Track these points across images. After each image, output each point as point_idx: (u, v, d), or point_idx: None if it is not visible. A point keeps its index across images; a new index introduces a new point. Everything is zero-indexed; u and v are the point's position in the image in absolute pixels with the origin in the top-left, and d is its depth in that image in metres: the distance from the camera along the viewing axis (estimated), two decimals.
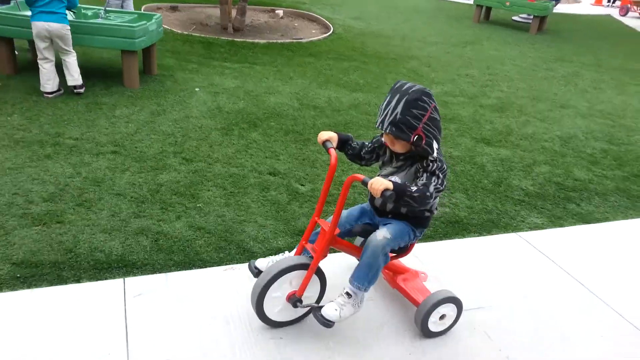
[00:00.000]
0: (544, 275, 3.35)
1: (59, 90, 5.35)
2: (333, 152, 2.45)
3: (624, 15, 17.54)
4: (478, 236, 3.74)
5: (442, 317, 2.64)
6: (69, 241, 3.18)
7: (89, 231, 3.30)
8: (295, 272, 2.47)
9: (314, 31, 10.24)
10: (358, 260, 2.50)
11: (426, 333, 2.66)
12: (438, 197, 2.42)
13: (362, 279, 2.43)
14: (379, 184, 2.16)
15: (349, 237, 2.70)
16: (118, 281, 2.89)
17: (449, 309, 2.64)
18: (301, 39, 9.28)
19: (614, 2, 20.39)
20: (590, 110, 6.99)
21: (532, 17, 12.95)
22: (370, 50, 9.02)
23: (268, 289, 2.44)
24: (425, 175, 2.32)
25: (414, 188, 2.24)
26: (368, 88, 6.88)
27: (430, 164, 2.33)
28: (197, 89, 6.03)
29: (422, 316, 2.59)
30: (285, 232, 3.52)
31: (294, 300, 2.50)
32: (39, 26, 5.03)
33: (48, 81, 5.23)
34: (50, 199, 3.58)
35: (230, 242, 3.36)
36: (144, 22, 5.76)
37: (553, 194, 4.50)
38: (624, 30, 14.90)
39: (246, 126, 5.18)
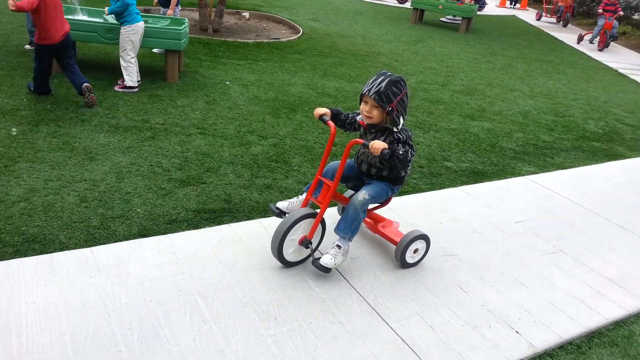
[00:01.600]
0: (548, 199, 4.80)
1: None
2: (331, 123, 3.07)
3: (539, 19, 19.18)
4: (498, 179, 5.14)
5: (415, 251, 3.33)
6: (221, 195, 4.12)
7: (230, 187, 4.25)
8: (306, 220, 3.07)
9: (283, 31, 11.30)
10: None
11: (404, 265, 3.35)
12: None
13: (347, 229, 3.05)
14: (379, 144, 2.75)
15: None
16: (262, 220, 3.87)
17: (420, 244, 3.35)
18: (279, 38, 10.31)
19: (515, 4, 23.32)
20: (532, 93, 8.77)
21: (457, 18, 14.92)
22: (343, 48, 10.28)
23: (288, 233, 3.00)
24: (400, 145, 2.89)
25: (401, 151, 2.83)
26: (360, 79, 8.13)
27: (401, 135, 2.92)
28: (227, 83, 6.95)
29: (401, 252, 3.26)
30: None
31: (306, 242, 3.10)
32: (141, 26, 5.94)
33: (133, 76, 6.04)
34: (182, 168, 4.46)
35: None
36: (184, 25, 6.58)
37: (533, 152, 6.04)
38: (531, 29, 17.40)
39: (287, 111, 6.23)
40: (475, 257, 3.69)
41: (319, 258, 3.03)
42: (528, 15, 20.60)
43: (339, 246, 3.07)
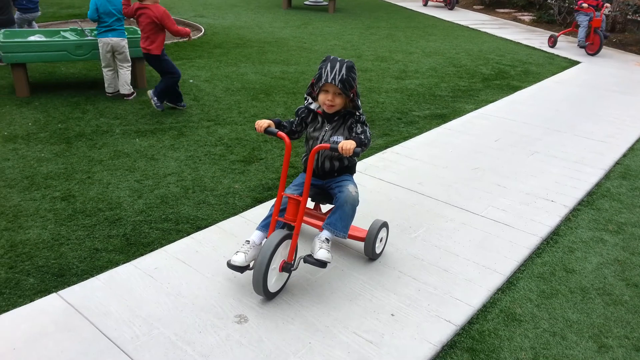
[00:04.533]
0: (504, 123, 6.36)
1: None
2: (282, 134, 2.86)
3: (425, 4, 17.91)
4: (458, 117, 6.56)
5: (380, 240, 3.35)
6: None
7: (282, 159, 5.01)
8: (283, 243, 2.82)
9: None
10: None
11: (375, 257, 3.35)
12: None
13: (345, 227, 2.97)
14: (349, 144, 2.68)
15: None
16: None
17: (383, 232, 3.36)
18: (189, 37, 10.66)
19: None
20: (425, 53, 10.49)
21: (319, 0, 16.33)
22: (251, 37, 10.99)
23: (270, 265, 2.74)
24: (359, 124, 2.93)
25: (362, 137, 2.85)
26: (291, 62, 9.05)
27: (360, 116, 2.94)
28: (191, 81, 7.39)
29: (371, 246, 3.25)
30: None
31: (288, 266, 2.89)
32: (106, 41, 6.12)
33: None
34: (232, 152, 5.07)
35: None
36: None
37: (462, 95, 7.61)
38: (380, 3, 19.55)
39: (264, 95, 6.96)
40: (496, 165, 5.01)
41: (310, 255, 2.89)
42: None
43: (327, 240, 2.94)
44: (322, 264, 2.85)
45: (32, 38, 6.42)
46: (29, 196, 4.01)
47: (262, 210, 3.94)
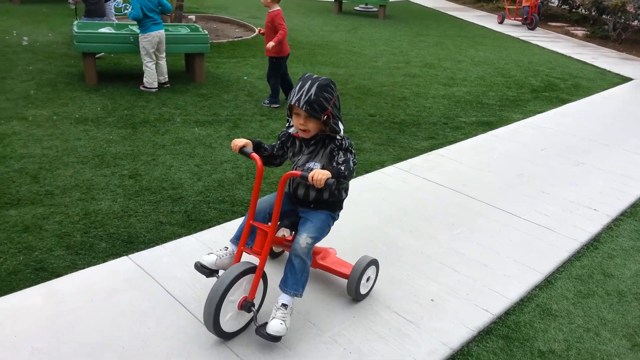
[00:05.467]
0: (553, 133, 6.41)
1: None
2: (256, 156, 2.54)
3: (501, 22, 16.25)
4: (505, 125, 6.64)
5: (367, 279, 2.97)
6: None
7: None
8: (246, 276, 2.50)
9: (237, 30, 12.03)
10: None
11: (359, 297, 2.96)
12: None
13: (297, 284, 2.55)
14: (320, 174, 2.30)
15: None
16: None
17: (371, 271, 2.99)
18: (241, 37, 11.08)
19: None
20: (474, 62, 10.55)
21: (369, 6, 16.54)
22: (301, 40, 11.32)
23: (227, 293, 2.41)
24: (341, 152, 2.52)
25: (342, 167, 2.44)
26: (341, 64, 9.29)
27: (343, 142, 2.54)
28: (245, 78, 7.74)
29: (355, 285, 2.86)
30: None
31: (248, 305, 2.53)
32: (155, 34, 6.43)
33: (149, 78, 6.64)
34: None
35: None
36: (205, 31, 7.26)
37: (509, 104, 7.67)
38: (428, 11, 19.62)
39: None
40: (541, 173, 5.10)
41: (264, 325, 2.50)
42: None
43: (285, 305, 2.54)
44: (272, 338, 2.46)
45: (102, 30, 6.89)
46: (100, 172, 4.38)
47: None
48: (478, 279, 3.30)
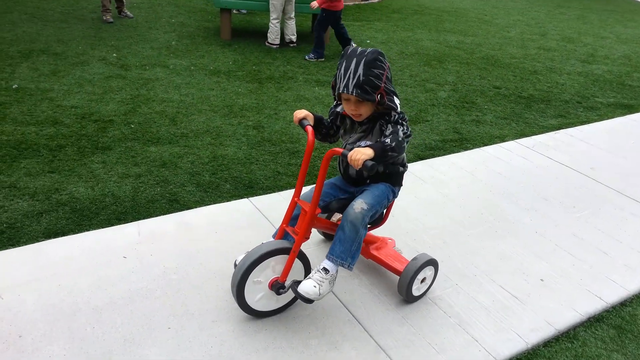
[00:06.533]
0: None
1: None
2: (309, 128, 2.32)
3: None
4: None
5: (422, 280, 2.66)
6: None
7: (450, 122, 5.14)
8: (277, 256, 2.34)
9: None
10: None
11: (410, 299, 2.66)
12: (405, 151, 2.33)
13: (346, 254, 2.31)
14: (359, 154, 2.07)
15: (325, 214, 2.63)
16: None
17: (429, 271, 2.67)
18: (368, 0, 11.01)
19: None
20: (620, 39, 9.55)
21: None
22: (430, 6, 10.98)
23: (249, 274, 2.28)
24: (390, 125, 2.27)
25: (388, 140, 2.19)
26: (469, 33, 8.91)
27: (394, 115, 2.28)
28: (367, 41, 7.74)
29: (407, 284, 2.57)
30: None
31: (277, 286, 2.36)
32: None
33: (272, 34, 6.90)
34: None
35: None
36: None
37: None
38: None
39: (436, 62, 7.05)
40: None
41: (299, 282, 2.33)
42: None
43: (326, 270, 2.32)
44: (303, 299, 2.28)
45: None
46: (228, 121, 4.72)
47: (424, 166, 4.18)
48: (595, 265, 3.12)
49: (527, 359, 2.42)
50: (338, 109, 2.44)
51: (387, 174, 2.47)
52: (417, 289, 2.65)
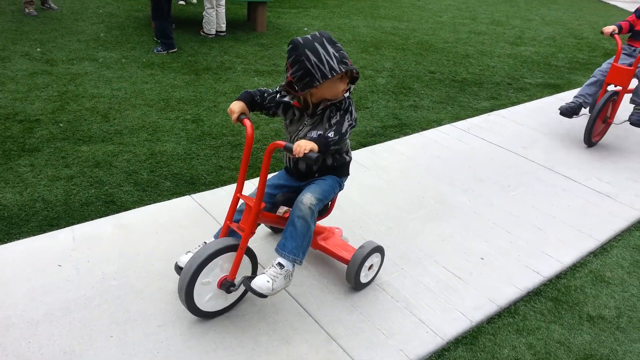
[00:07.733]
0: None
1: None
2: (247, 122, 2.25)
3: None
4: (572, 89, 6.34)
5: (370, 267, 2.69)
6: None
7: (426, 105, 5.21)
8: (224, 255, 2.27)
9: None
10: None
11: (359, 286, 2.70)
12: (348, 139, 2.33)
13: (297, 249, 2.27)
14: (302, 145, 2.01)
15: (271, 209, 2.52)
16: None
17: (375, 258, 2.70)
18: None
19: None
20: (545, 21, 10.00)
21: None
22: None
23: (197, 276, 2.21)
24: (339, 113, 2.22)
25: (330, 133, 2.15)
26: (403, 18, 9.04)
27: (344, 102, 2.25)
28: (305, 29, 7.69)
29: (355, 272, 2.60)
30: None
31: (227, 285, 2.30)
32: None
33: (208, 25, 6.76)
34: None
35: None
36: None
37: (579, 67, 7.30)
38: None
39: (373, 49, 7.12)
40: (607, 140, 4.90)
41: (252, 278, 2.27)
42: None
43: (280, 265, 2.27)
44: (256, 294, 2.21)
45: None
46: (165, 116, 4.56)
47: (366, 152, 4.22)
48: (531, 241, 3.28)
49: (472, 337, 2.51)
50: (286, 99, 2.31)
51: (334, 166, 2.46)
52: (365, 276, 2.69)
